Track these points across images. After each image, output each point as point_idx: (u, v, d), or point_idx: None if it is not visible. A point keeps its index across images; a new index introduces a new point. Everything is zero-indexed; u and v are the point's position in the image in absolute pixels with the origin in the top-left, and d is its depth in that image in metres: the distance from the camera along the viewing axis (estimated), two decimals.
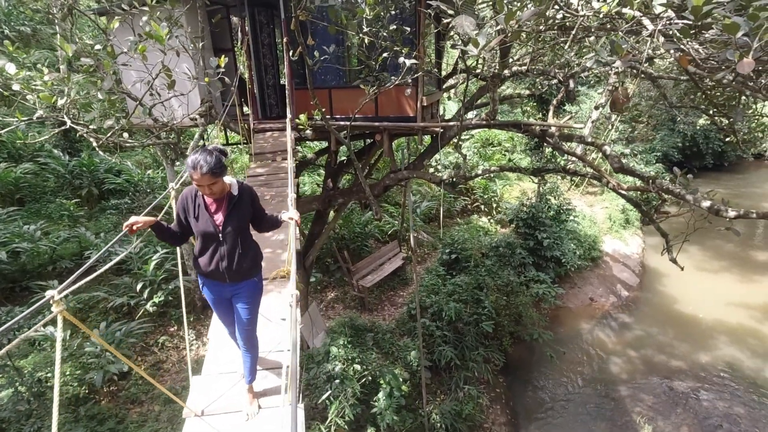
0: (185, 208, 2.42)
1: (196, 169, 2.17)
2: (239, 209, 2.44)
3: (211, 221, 2.39)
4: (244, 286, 2.57)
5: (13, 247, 7.61)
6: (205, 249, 2.46)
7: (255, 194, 2.57)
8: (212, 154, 2.20)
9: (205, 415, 2.31)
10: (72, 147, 10.40)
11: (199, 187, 2.28)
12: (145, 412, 6.75)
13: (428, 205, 12.51)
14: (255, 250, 2.59)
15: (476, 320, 9.01)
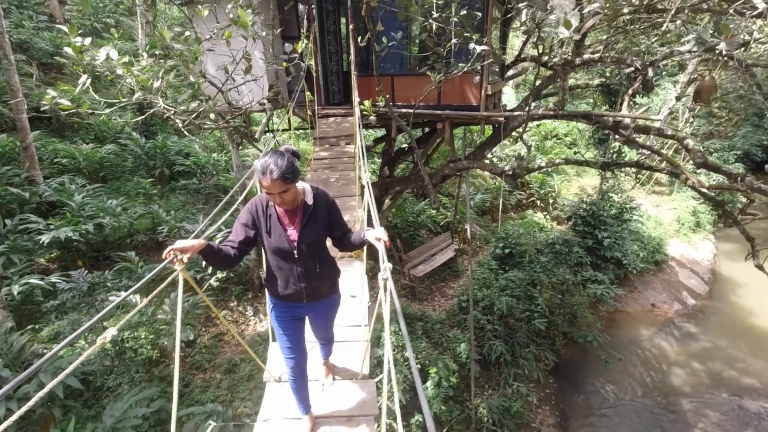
0: (255, 220, 2.08)
1: (265, 174, 1.84)
2: (315, 221, 2.10)
3: (285, 236, 2.06)
4: (321, 305, 2.31)
5: (98, 220, 8.36)
6: (278, 268, 2.14)
7: (333, 202, 2.19)
8: (284, 157, 1.88)
9: (282, 381, 2.44)
10: (148, 130, 11.21)
11: (268, 195, 1.94)
12: (208, 379, 7.25)
13: (482, 198, 12.25)
14: (333, 267, 2.29)
15: (528, 317, 8.78)
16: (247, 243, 2.05)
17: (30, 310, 7.19)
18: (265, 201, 2.08)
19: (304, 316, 2.34)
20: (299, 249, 2.07)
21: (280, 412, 2.37)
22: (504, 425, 7.50)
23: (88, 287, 6.03)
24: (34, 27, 12.34)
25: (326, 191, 2.19)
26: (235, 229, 2.10)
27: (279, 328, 2.32)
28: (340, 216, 2.20)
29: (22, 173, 8.84)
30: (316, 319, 2.39)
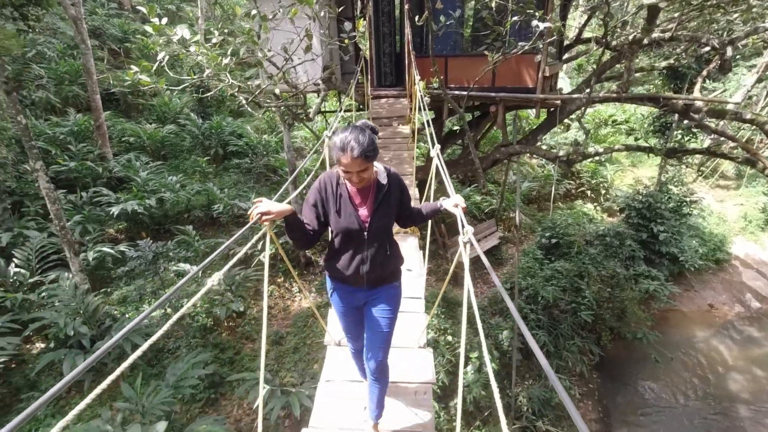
0: (325, 199, 1.95)
1: (345, 151, 1.72)
2: (388, 203, 1.97)
3: (356, 216, 1.93)
4: (383, 291, 2.14)
5: (160, 195, 8.94)
6: (344, 249, 2.02)
7: (404, 184, 2.07)
8: (365, 133, 1.75)
9: (342, 345, 2.56)
10: (204, 112, 11.76)
11: (346, 174, 1.81)
12: (256, 349, 7.66)
13: (528, 186, 11.92)
14: (398, 252, 2.16)
15: (574, 309, 8.55)
16: (320, 223, 1.96)
17: (101, 275, 7.86)
18: (335, 179, 1.94)
19: (363, 304, 2.19)
20: (370, 230, 1.94)
21: (341, 374, 2.49)
22: (544, 416, 7.42)
23: (153, 256, 6.50)
24: (106, 14, 13.16)
25: (398, 174, 2.05)
26: (305, 213, 1.98)
27: (339, 313, 2.27)
28: (410, 197, 2.10)
29: (95, 150, 9.57)
30: (377, 308, 2.15)
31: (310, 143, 11.93)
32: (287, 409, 6.24)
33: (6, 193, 8.01)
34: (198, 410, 6.46)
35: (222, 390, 6.92)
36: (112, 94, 11.30)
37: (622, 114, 14.67)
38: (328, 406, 2.39)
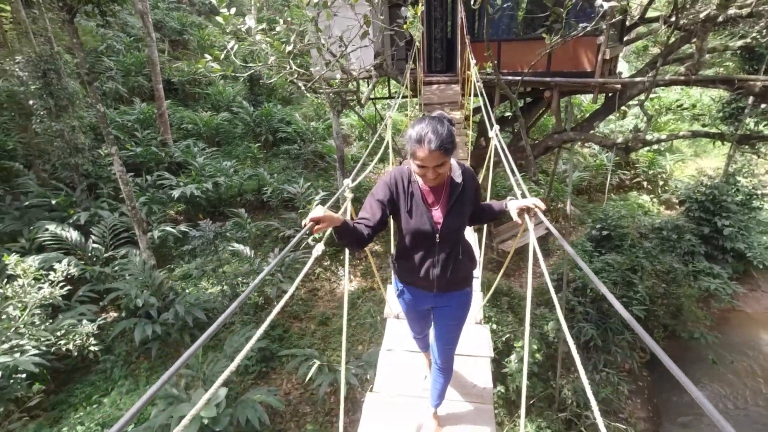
0: (395, 196, 1.80)
1: (422, 144, 1.57)
2: (462, 202, 1.81)
3: (428, 218, 1.78)
4: (453, 298, 2.01)
5: (215, 179, 9.45)
6: (414, 251, 1.89)
7: (477, 181, 1.93)
8: (443, 124, 1.60)
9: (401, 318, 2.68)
10: (256, 100, 12.22)
11: (420, 169, 1.66)
12: (304, 328, 8.01)
13: (579, 176, 11.49)
14: (472, 255, 2.01)
15: (625, 304, 8.22)
16: (382, 222, 1.77)
17: (164, 253, 8.49)
18: (407, 175, 1.79)
19: (430, 308, 2.09)
20: (443, 232, 1.79)
21: (401, 345, 2.62)
22: (589, 409, 7.27)
23: (213, 235, 6.92)
24: (166, 8, 13.88)
25: (470, 168, 1.90)
26: (368, 206, 1.80)
27: (406, 313, 2.20)
28: (481, 194, 1.96)
29: (157, 136, 10.24)
30: (443, 317, 2.06)
31: (356, 130, 12.11)
32: (334, 385, 6.54)
33: (83, 176, 8.77)
34: (251, 382, 6.88)
35: (273, 364, 7.33)
36: (171, 84, 11.99)
37: (687, 99, 13.68)
38: (390, 374, 2.52)
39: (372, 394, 2.35)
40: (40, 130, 8.17)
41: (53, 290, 4.19)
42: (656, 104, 13.44)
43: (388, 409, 2.31)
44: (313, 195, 9.32)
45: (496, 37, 5.64)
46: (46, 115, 8.09)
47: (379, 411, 2.31)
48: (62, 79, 8.14)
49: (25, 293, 3.74)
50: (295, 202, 9.47)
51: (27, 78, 7.88)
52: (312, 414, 6.83)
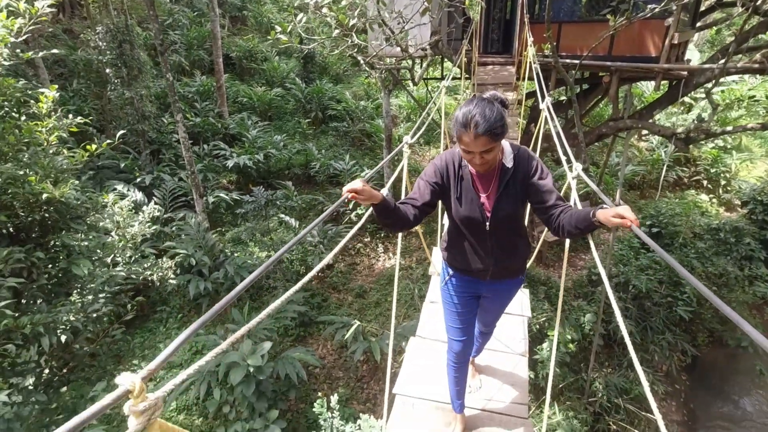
0: (446, 180, 1.74)
1: (468, 128, 1.46)
2: (514, 188, 1.69)
3: (478, 205, 1.70)
4: (505, 285, 1.97)
5: (266, 152, 9.88)
6: (465, 240, 1.83)
7: (538, 163, 1.70)
8: (492, 107, 1.47)
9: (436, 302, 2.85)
10: (308, 77, 12.53)
11: (466, 154, 1.57)
12: (341, 299, 8.37)
13: (633, 170, 11.01)
14: (527, 243, 1.92)
15: (669, 303, 7.97)
16: (430, 205, 1.72)
17: (216, 218, 9.05)
18: (458, 159, 1.71)
19: (480, 294, 2.03)
20: (493, 221, 1.72)
21: (433, 333, 2.80)
22: (619, 406, 7.19)
23: (265, 202, 7.33)
24: None
25: (529, 150, 1.73)
26: (417, 187, 1.74)
27: (452, 304, 2.04)
28: (548, 180, 1.67)
29: (215, 108, 10.79)
30: (491, 302, 2.05)
31: (404, 111, 12.17)
32: (367, 354, 6.85)
33: (148, 142, 9.45)
34: (290, 344, 7.33)
35: (310, 330, 7.75)
36: (229, 59, 12.51)
37: (762, 92, 12.60)
38: (431, 322, 2.80)
39: (415, 338, 2.58)
40: (113, 97, 8.86)
41: (143, 227, 4.72)
42: (727, 97, 12.49)
43: (430, 351, 2.53)
44: (358, 172, 9.56)
45: (557, 19, 5.51)
46: (119, 84, 8.75)
47: (421, 352, 2.57)
48: (135, 49, 8.75)
49: (121, 227, 4.26)
50: (340, 178, 9.75)
51: (105, 48, 8.53)
52: (344, 379, 7.20)
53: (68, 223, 3.16)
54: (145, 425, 0.60)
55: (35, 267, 2.84)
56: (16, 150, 2.77)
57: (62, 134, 3.04)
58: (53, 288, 3.11)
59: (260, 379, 5.43)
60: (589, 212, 1.49)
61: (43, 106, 2.91)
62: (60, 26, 11.21)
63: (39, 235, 3.03)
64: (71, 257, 3.09)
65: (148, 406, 0.60)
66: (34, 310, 2.72)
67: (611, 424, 7.14)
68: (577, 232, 1.55)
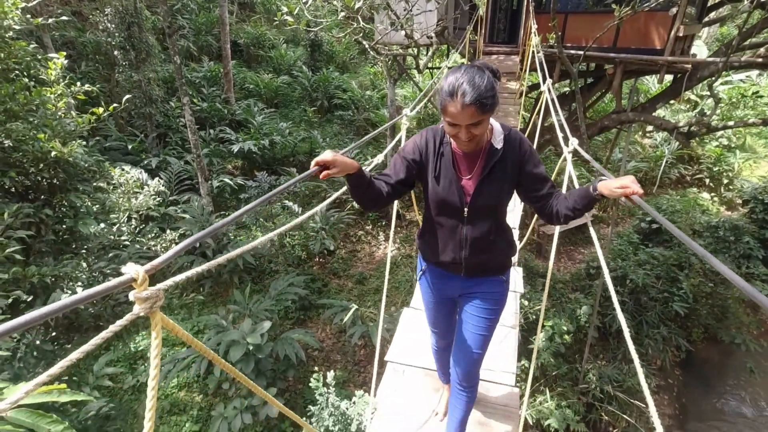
0: (424, 156, 1.57)
1: (454, 97, 1.30)
2: (501, 172, 1.51)
3: (457, 186, 1.53)
4: (484, 284, 1.73)
5: (271, 138, 9.96)
6: (440, 226, 1.65)
7: (529, 148, 1.54)
8: (482, 74, 1.31)
9: None
10: (315, 65, 12.57)
11: (451, 127, 1.38)
12: (342, 285, 8.49)
13: (636, 166, 11.04)
14: (509, 239, 1.71)
15: (665, 299, 8.05)
16: (405, 183, 1.56)
17: (221, 202, 9.16)
18: (441, 135, 1.56)
19: (456, 296, 1.82)
20: (472, 206, 1.54)
21: None
22: (612, 396, 7.31)
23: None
24: None
25: (520, 133, 1.55)
26: (393, 163, 1.59)
27: (429, 301, 1.91)
28: (541, 167, 1.53)
29: (222, 94, 10.86)
30: (470, 306, 1.77)
31: (410, 102, 12.21)
32: (365, 338, 6.97)
33: (155, 125, 9.54)
34: (289, 327, 7.46)
35: (310, 314, 7.87)
36: (237, 45, 12.55)
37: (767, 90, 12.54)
38: None
39: (408, 309, 2.68)
40: (121, 80, 8.94)
41: (147, 200, 4.85)
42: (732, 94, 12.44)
43: (422, 323, 2.62)
44: (361, 160, 9.64)
45: (563, 9, 5.53)
46: (127, 66, 8.83)
47: (414, 323, 2.66)
48: (143, 32, 8.81)
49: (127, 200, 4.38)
50: None
51: (113, 30, 8.60)
52: (342, 362, 7.33)
53: (75, 184, 3.30)
54: (148, 312, 0.69)
55: (43, 223, 3.00)
56: (27, 110, 2.89)
57: (70, 100, 3.16)
58: (60, 245, 3.25)
59: (259, 358, 5.56)
60: (588, 187, 1.40)
61: (52, 73, 3.03)
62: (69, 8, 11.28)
63: (48, 194, 3.18)
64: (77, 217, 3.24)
65: (150, 294, 0.68)
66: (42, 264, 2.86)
67: (603, 414, 7.27)
68: (575, 213, 1.44)
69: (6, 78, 2.85)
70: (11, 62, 2.88)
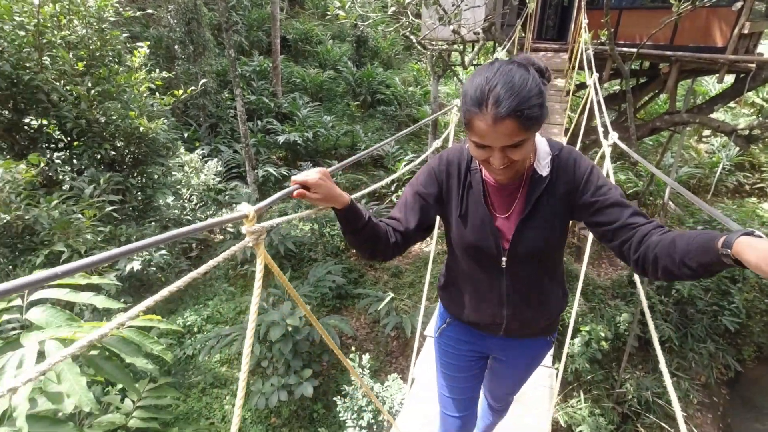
0: (444, 189, 1.18)
1: (483, 106, 0.90)
2: (550, 208, 1.11)
3: (491, 228, 1.14)
4: (525, 347, 1.40)
5: (315, 131, 10.27)
6: (469, 278, 1.28)
7: (587, 170, 1.09)
8: (525, 73, 0.91)
9: None
10: (359, 61, 12.79)
11: (479, 150, 0.99)
12: (377, 277, 8.65)
13: (689, 172, 10.48)
14: (562, 292, 1.35)
15: (714, 312, 7.64)
16: (421, 227, 1.17)
17: (265, 191, 9.57)
18: (467, 158, 1.15)
19: (489, 355, 1.48)
20: (512, 254, 1.16)
21: None
22: (650, 408, 7.06)
23: None
24: None
25: (575, 151, 1.13)
26: (403, 200, 1.19)
27: (447, 364, 1.48)
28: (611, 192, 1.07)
29: (270, 88, 11.29)
30: (506, 366, 1.47)
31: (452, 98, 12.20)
32: (398, 329, 7.10)
33: (208, 116, 10.08)
34: (325, 314, 7.71)
35: (345, 303, 8.10)
36: (286, 40, 12.98)
37: None
38: None
39: None
40: (179, 72, 9.51)
41: (208, 179, 5.27)
42: None
43: None
44: (402, 156, 9.76)
45: (618, 5, 5.37)
46: (185, 59, 9.38)
47: None
48: (201, 27, 9.33)
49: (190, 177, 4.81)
50: (384, 161, 9.99)
51: (175, 25, 9.16)
52: (374, 352, 7.50)
53: (155, 158, 3.75)
54: (255, 243, 0.83)
55: (128, 191, 3.45)
56: (120, 91, 3.31)
57: (150, 85, 3.56)
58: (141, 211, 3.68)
59: (297, 339, 5.81)
60: (714, 240, 0.83)
61: (136, 60, 3.45)
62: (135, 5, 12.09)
63: (132, 165, 3.62)
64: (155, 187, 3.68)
65: (257, 229, 0.83)
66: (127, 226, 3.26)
67: (639, 426, 7.02)
68: (681, 271, 0.90)
69: (103, 63, 3.28)
70: (108, 49, 3.30)
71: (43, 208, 2.54)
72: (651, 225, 1.01)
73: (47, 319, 0.95)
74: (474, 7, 4.24)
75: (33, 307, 1.00)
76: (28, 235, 2.49)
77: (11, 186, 2.38)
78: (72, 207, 2.78)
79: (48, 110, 3.09)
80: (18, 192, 2.46)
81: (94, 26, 3.23)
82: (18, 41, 2.99)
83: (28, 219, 2.44)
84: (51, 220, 2.49)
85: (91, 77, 3.23)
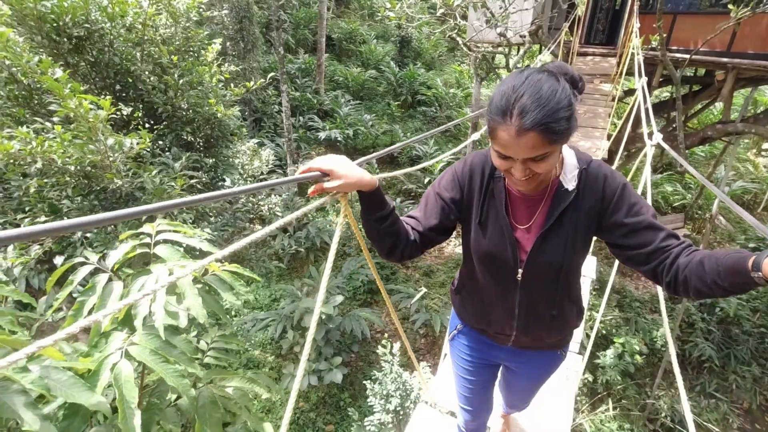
0: (465, 193, 1.17)
1: (507, 116, 0.88)
2: (572, 224, 1.09)
3: (510, 240, 1.13)
4: (534, 359, 1.41)
5: (355, 128, 10.50)
6: (483, 287, 1.27)
7: (618, 189, 1.06)
8: (554, 83, 0.89)
9: None
10: (402, 61, 12.95)
11: (501, 160, 0.97)
12: (409, 275, 8.77)
13: (742, 187, 9.93)
14: (580, 305, 1.30)
15: (762, 334, 7.25)
16: (439, 230, 1.17)
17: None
18: (491, 166, 1.13)
19: (500, 364, 1.52)
20: (529, 266, 1.14)
21: None
22: (685, 429, 6.78)
23: None
24: None
25: (605, 165, 1.11)
26: (425, 200, 1.21)
27: (460, 367, 1.53)
28: (642, 213, 1.04)
29: (313, 85, 11.64)
30: (517, 377, 1.51)
31: None
32: (427, 327, 7.20)
33: (252, 111, 10.52)
34: (356, 307, 7.91)
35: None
36: (330, 39, 13.32)
37: None
38: None
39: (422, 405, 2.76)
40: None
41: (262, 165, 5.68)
42: None
43: None
44: (437, 154, 9.83)
45: (673, 9, 5.22)
46: (235, 56, 9.84)
47: None
48: (252, 25, 9.76)
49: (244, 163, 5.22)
50: (422, 160, 10.09)
51: (228, 23, 9.64)
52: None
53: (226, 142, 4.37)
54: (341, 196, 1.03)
55: (202, 170, 3.93)
56: (199, 82, 3.75)
57: (221, 77, 4.01)
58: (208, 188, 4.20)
59: (329, 327, 6.03)
60: (744, 259, 0.84)
61: (209, 55, 3.88)
62: None
63: (205, 148, 4.10)
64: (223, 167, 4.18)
65: None
66: None
67: None
68: (714, 291, 0.90)
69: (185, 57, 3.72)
70: (191, 45, 3.77)
71: (146, 176, 3.07)
72: (681, 246, 1.01)
73: (169, 255, 1.21)
74: (522, 10, 4.27)
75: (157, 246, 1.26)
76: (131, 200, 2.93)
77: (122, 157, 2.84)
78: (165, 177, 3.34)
79: (142, 97, 3.65)
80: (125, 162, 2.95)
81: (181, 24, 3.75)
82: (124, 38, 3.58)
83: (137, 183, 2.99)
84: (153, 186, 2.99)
85: (177, 69, 3.76)
